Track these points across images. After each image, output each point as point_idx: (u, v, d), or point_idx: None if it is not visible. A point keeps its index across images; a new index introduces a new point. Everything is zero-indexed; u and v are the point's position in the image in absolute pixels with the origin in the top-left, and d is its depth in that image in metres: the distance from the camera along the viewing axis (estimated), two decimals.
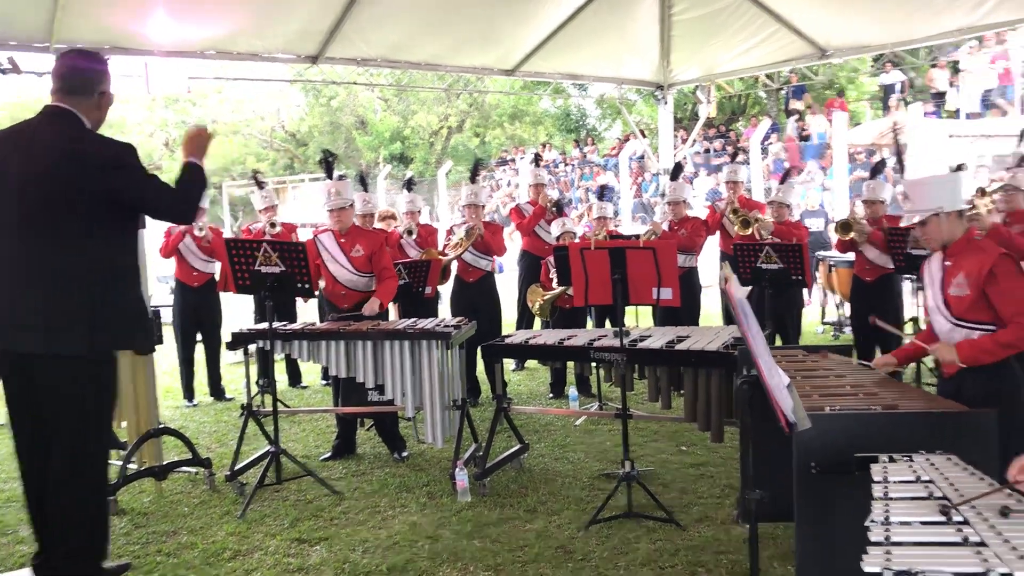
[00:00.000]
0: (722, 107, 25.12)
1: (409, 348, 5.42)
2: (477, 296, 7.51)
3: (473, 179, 7.84)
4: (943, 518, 2.04)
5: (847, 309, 9.43)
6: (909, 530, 1.98)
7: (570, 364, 5.95)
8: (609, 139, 27.75)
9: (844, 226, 6.67)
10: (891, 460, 2.52)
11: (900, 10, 9.15)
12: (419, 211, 7.96)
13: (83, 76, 3.51)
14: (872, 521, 2.04)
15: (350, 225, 6.16)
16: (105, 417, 3.67)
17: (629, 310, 8.46)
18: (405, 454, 6.03)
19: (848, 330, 8.91)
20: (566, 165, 26.25)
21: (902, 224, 5.99)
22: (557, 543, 4.39)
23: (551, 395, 7.75)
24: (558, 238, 7.51)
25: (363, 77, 13.20)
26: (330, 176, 6.29)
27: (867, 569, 1.80)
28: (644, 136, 20.96)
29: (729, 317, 8.16)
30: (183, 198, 3.68)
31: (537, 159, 9.66)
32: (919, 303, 6.70)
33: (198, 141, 3.82)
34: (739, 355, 4.22)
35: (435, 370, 5.40)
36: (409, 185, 8.13)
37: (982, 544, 1.87)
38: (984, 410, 2.89)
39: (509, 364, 8.77)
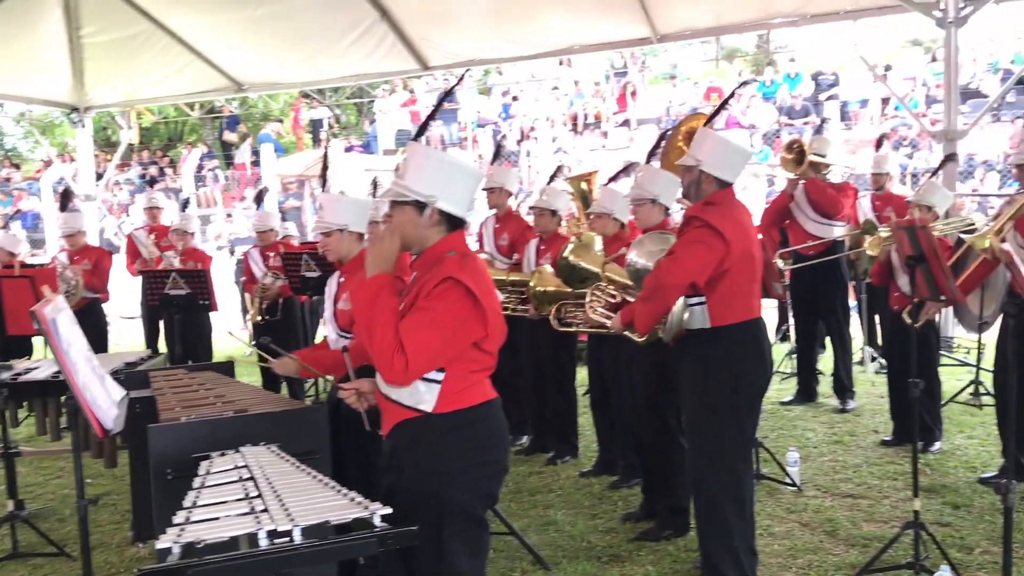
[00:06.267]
0: (158, 132, 24.64)
1: None
2: None
3: None
4: (243, 495, 2.40)
5: None
6: (208, 510, 2.30)
7: None
8: (35, 161, 25.35)
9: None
10: (221, 455, 2.86)
11: (306, 55, 10.12)
12: None
13: None
14: (181, 508, 2.32)
15: None
16: None
17: None
18: None
19: None
20: None
21: (312, 234, 6.52)
22: None
23: None
24: None
25: None
26: None
27: (158, 547, 2.06)
28: (74, 160, 19.60)
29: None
30: None
31: None
32: None
33: None
34: (124, 378, 4.28)
35: None
36: None
37: (265, 511, 2.26)
38: (315, 405, 3.40)
39: None
